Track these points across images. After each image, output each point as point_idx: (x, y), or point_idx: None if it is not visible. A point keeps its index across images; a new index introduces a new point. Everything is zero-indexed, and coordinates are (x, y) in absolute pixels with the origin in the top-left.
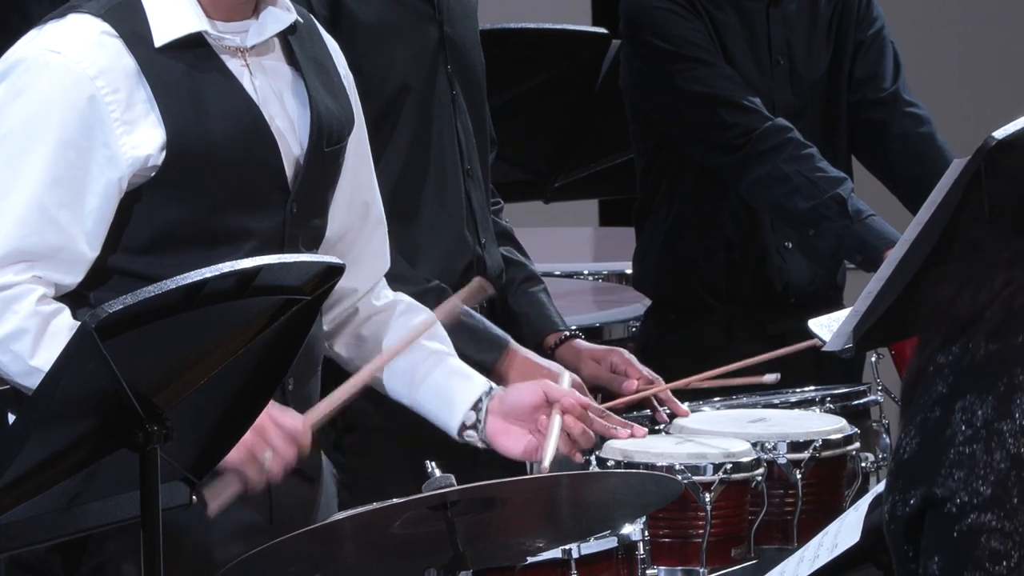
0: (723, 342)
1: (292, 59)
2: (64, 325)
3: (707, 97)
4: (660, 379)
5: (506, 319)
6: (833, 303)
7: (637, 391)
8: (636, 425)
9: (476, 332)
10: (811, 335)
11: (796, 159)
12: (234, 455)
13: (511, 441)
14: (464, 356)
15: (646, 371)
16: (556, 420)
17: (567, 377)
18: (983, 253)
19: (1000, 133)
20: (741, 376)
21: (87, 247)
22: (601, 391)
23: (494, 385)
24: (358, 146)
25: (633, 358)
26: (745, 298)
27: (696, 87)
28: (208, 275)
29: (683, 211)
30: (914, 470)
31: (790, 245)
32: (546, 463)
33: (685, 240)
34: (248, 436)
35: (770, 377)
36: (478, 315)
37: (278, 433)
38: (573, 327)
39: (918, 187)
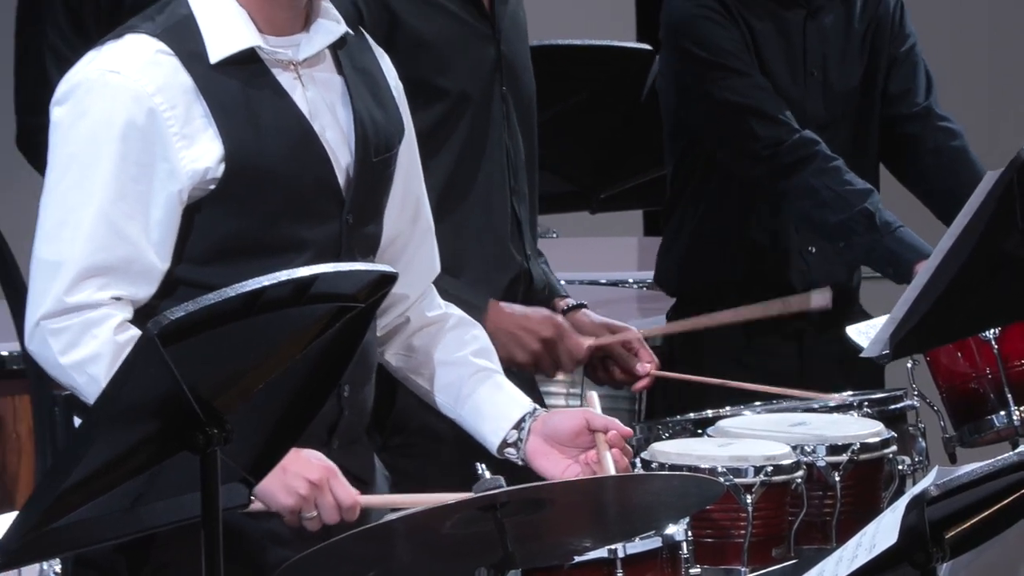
0: (743, 340)
1: (342, 70)
2: None
3: (739, 107)
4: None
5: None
6: (850, 304)
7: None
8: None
9: (454, 298)
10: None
11: (823, 172)
12: (285, 499)
13: (550, 464)
14: None
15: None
16: (605, 448)
17: (597, 401)
18: None
19: None
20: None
21: (156, 258)
22: (607, 359)
23: (538, 406)
24: (409, 154)
25: (643, 340)
26: (766, 298)
27: (729, 96)
28: (266, 283)
29: (709, 212)
30: None
31: (814, 250)
32: None
33: (709, 241)
34: (303, 489)
35: (818, 299)
36: (457, 281)
37: (331, 500)
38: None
39: (952, 199)
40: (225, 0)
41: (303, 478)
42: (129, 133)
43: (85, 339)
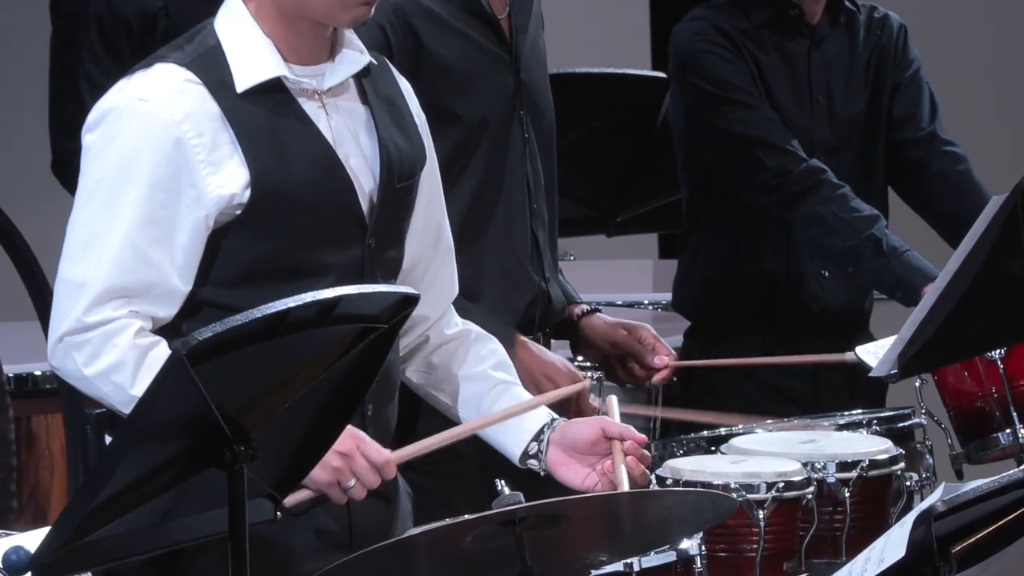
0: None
1: (366, 99)
2: (160, 356)
3: (747, 138)
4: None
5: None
6: (862, 327)
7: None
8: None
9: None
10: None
11: (830, 200)
12: (322, 476)
13: (570, 473)
14: None
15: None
16: (620, 458)
17: (616, 407)
18: None
19: None
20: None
21: (179, 281)
22: (624, 357)
23: (556, 416)
24: (430, 180)
25: (659, 336)
26: (780, 321)
27: (737, 128)
28: (291, 304)
29: (723, 239)
30: None
31: (827, 274)
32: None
33: (724, 267)
34: (336, 461)
35: (851, 355)
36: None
37: (364, 463)
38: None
39: (957, 222)
40: (252, 30)
41: (333, 451)
42: (157, 160)
43: (107, 349)
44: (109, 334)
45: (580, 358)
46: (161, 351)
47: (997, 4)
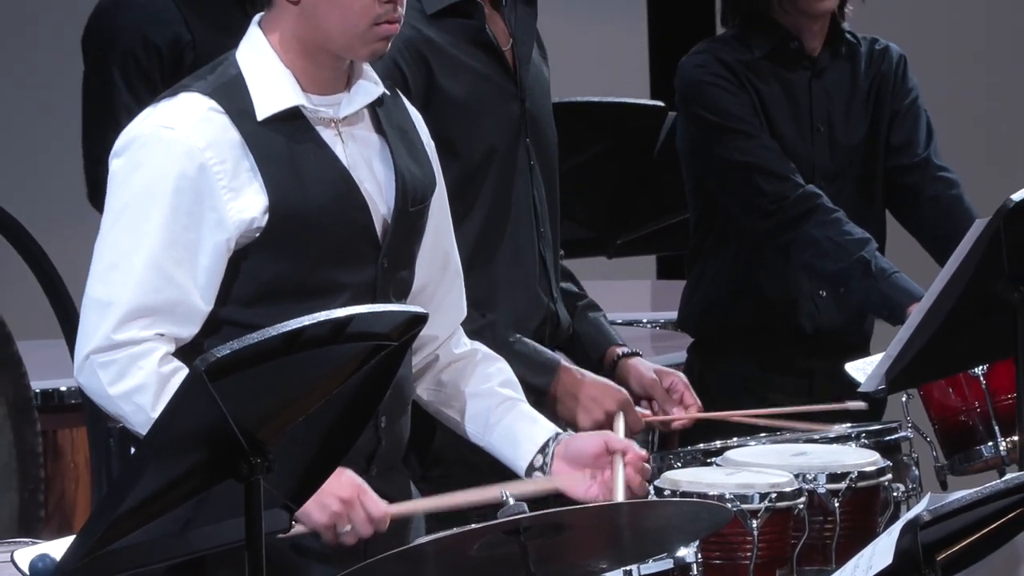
0: (757, 373)
1: (379, 128)
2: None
3: (747, 166)
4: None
5: (569, 340)
6: (860, 347)
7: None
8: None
9: (528, 358)
10: (848, 381)
11: (824, 224)
12: (320, 517)
13: (573, 484)
14: (520, 380)
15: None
16: (620, 469)
17: (622, 423)
18: None
19: (1018, 196)
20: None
21: (201, 301)
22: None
23: (560, 431)
24: (439, 205)
25: (689, 385)
26: (778, 339)
27: (738, 156)
28: (306, 323)
29: (726, 261)
30: None
31: (824, 294)
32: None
33: (726, 288)
34: (336, 506)
35: (854, 404)
36: (529, 341)
37: (362, 514)
38: (632, 348)
39: (948, 244)
40: (272, 61)
41: (335, 496)
42: (181, 185)
43: (132, 371)
44: (135, 356)
45: None
46: (181, 377)
47: (992, 33)
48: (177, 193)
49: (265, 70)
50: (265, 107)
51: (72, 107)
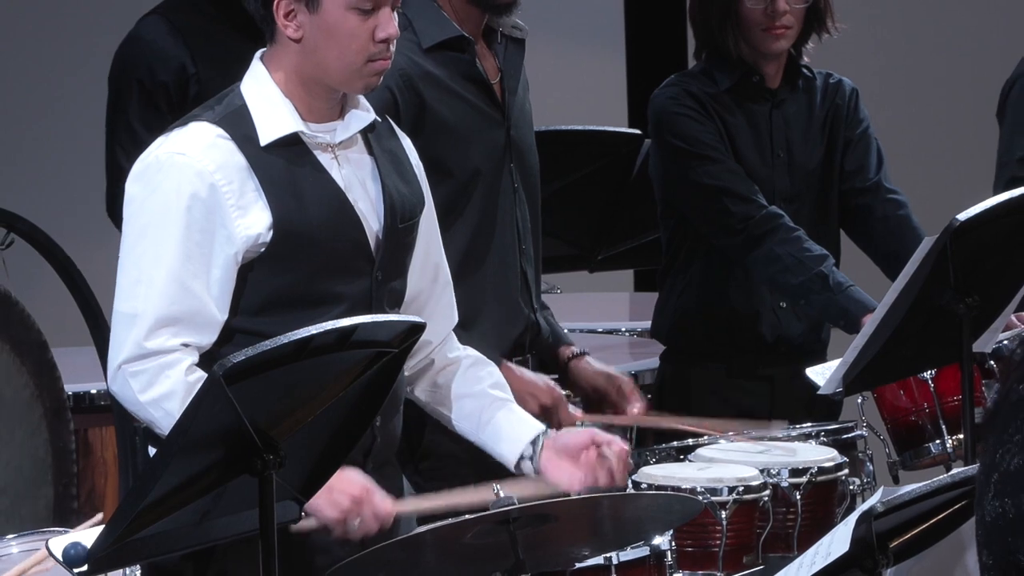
0: (724, 378)
1: (372, 151)
2: None
3: (714, 189)
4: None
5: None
6: (818, 354)
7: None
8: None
9: None
10: (807, 384)
11: (786, 241)
12: (331, 512)
13: (560, 473)
14: None
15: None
16: (608, 452)
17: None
18: None
19: (963, 215)
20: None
21: (216, 310)
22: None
23: (547, 428)
24: (428, 222)
25: (636, 387)
26: (743, 347)
27: (706, 180)
28: (314, 332)
29: (695, 277)
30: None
31: (784, 305)
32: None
33: (695, 300)
34: (347, 503)
35: (777, 425)
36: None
37: (371, 510)
38: (583, 348)
39: (897, 260)
40: (273, 92)
41: (347, 494)
42: (194, 205)
43: (160, 379)
44: (164, 366)
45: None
46: None
47: (941, 68)
48: (191, 212)
49: (267, 100)
50: (268, 134)
51: (96, 131)
